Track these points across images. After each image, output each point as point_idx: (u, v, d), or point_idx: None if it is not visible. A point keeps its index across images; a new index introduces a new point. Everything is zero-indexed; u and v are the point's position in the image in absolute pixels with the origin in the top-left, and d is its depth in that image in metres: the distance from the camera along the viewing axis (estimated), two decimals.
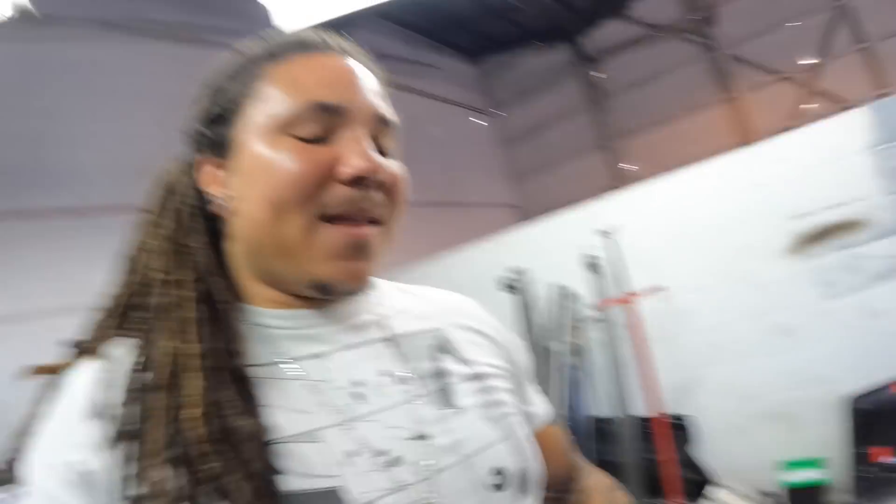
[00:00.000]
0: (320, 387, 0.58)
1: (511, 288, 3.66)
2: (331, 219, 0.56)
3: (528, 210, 7.12)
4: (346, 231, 0.57)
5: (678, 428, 3.47)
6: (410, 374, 0.63)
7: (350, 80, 0.59)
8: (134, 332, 0.59)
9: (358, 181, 0.56)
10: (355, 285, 0.59)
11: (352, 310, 0.64)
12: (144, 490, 0.49)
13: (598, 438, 3.53)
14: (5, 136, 3.93)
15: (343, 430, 0.56)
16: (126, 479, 0.50)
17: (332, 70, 0.60)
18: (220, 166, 0.61)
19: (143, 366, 0.55)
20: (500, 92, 7.23)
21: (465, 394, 0.65)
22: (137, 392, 0.53)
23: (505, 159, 7.38)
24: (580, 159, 6.41)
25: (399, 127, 0.64)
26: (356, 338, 0.63)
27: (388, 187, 0.59)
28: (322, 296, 0.60)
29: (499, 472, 0.61)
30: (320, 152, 0.56)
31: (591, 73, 6.22)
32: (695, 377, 3.49)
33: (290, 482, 0.51)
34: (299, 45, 0.61)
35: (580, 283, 3.69)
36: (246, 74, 0.60)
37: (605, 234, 3.40)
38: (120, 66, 4.52)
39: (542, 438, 0.73)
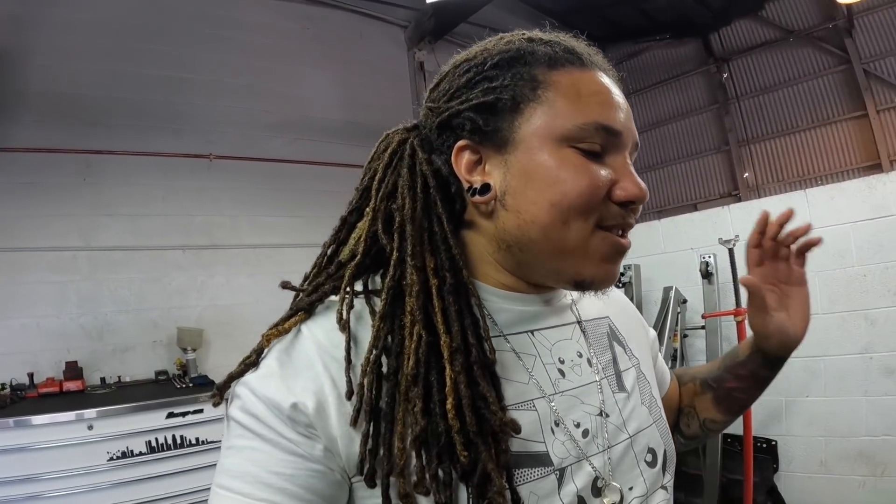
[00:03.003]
0: (533, 361, 0.66)
1: (621, 284, 3.63)
2: (602, 228, 0.63)
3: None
4: (618, 240, 0.65)
5: (763, 452, 3.38)
6: (596, 357, 0.73)
7: (623, 106, 0.66)
8: (362, 300, 0.63)
9: (628, 204, 0.63)
10: (611, 285, 0.68)
11: (556, 294, 0.74)
12: (388, 467, 0.53)
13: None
14: (141, 79, 4.15)
15: (550, 402, 0.64)
16: (370, 454, 0.54)
17: (610, 93, 0.65)
18: (483, 155, 0.65)
19: (389, 348, 0.58)
20: (623, 82, 6.91)
21: (630, 380, 0.75)
22: (388, 374, 0.57)
23: None
24: (698, 160, 6.17)
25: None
26: (559, 320, 0.72)
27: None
28: (580, 291, 0.68)
29: (651, 451, 0.71)
30: (601, 172, 0.62)
31: (719, 72, 5.92)
32: (788, 403, 3.38)
33: (513, 444, 0.58)
34: (576, 57, 0.66)
35: (690, 289, 3.63)
36: (527, 75, 0.64)
37: (724, 242, 3.29)
38: (254, 23, 4.67)
39: (672, 387, 0.97)
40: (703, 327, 3.57)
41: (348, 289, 0.62)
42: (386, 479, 0.53)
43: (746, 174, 5.72)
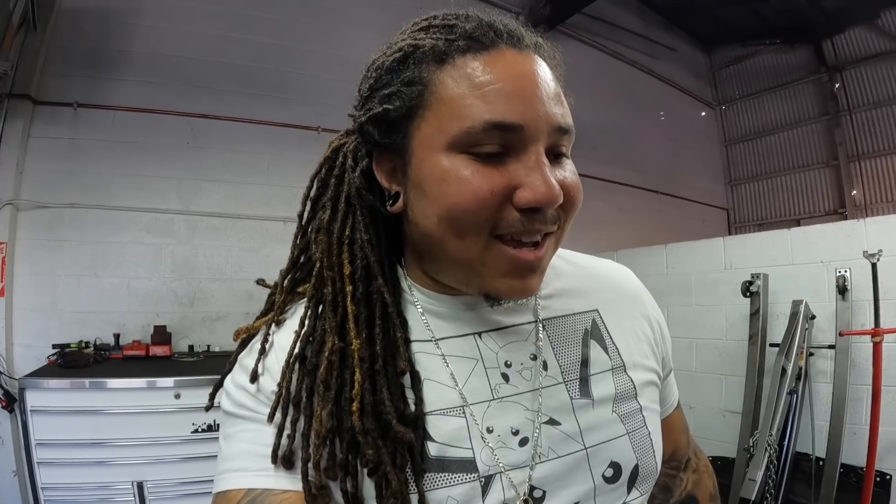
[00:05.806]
0: (472, 365, 0.63)
1: (749, 294, 3.38)
2: (503, 237, 0.56)
3: (736, 216, 6.74)
4: (518, 254, 0.57)
5: (876, 485, 3.10)
6: (556, 360, 0.67)
7: (527, 90, 0.55)
8: (300, 303, 0.67)
9: (532, 211, 0.55)
10: (525, 297, 0.63)
11: None
12: (305, 455, 0.58)
13: (792, 474, 3.23)
14: (250, 46, 4.06)
15: (485, 408, 0.62)
16: (291, 441, 0.59)
17: (508, 78, 0.55)
18: (395, 164, 0.61)
19: (308, 352, 0.62)
20: (729, 86, 6.76)
21: (603, 384, 0.68)
22: (307, 377, 0.60)
23: (722, 158, 6.96)
24: (803, 173, 5.87)
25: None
26: (513, 319, 0.67)
27: (564, 203, 0.57)
28: (492, 304, 0.63)
29: (615, 465, 0.64)
30: (497, 175, 0.55)
31: (831, 82, 5.59)
32: None
33: (433, 448, 0.59)
34: (473, 42, 0.57)
35: (817, 305, 3.36)
36: (416, 77, 0.58)
37: (869, 256, 3.01)
38: None
39: (669, 420, 0.81)
40: (830, 346, 3.28)
41: (284, 299, 0.68)
42: (305, 466, 0.57)
43: (855, 192, 5.38)
